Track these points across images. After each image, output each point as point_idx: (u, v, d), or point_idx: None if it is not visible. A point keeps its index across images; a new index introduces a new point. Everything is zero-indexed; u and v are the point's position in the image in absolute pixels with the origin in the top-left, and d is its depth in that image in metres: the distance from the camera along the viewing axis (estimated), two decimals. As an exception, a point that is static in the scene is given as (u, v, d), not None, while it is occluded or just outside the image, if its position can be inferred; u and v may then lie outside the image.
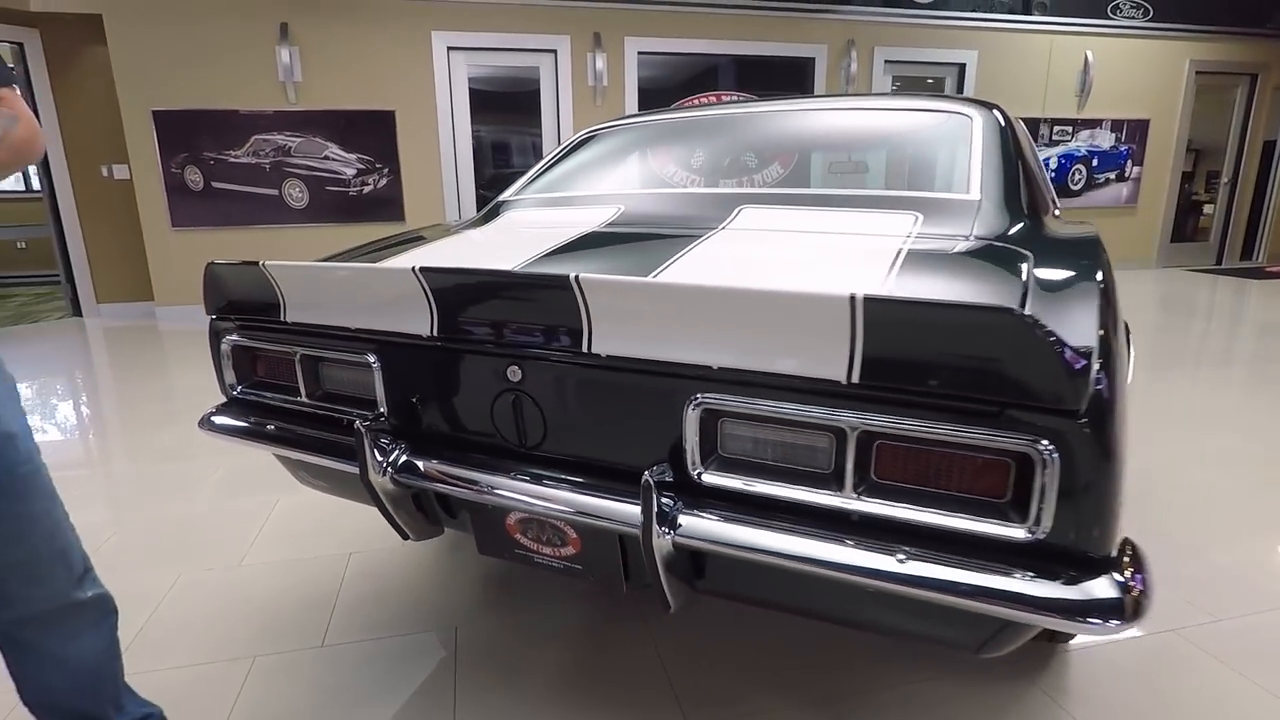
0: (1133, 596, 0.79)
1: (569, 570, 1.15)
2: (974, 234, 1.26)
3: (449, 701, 1.43)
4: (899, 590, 0.84)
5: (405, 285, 1.05)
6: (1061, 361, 0.73)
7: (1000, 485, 0.81)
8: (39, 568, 1.05)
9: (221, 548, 2.05)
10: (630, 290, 0.90)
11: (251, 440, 1.34)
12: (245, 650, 1.60)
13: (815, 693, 1.44)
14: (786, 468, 0.92)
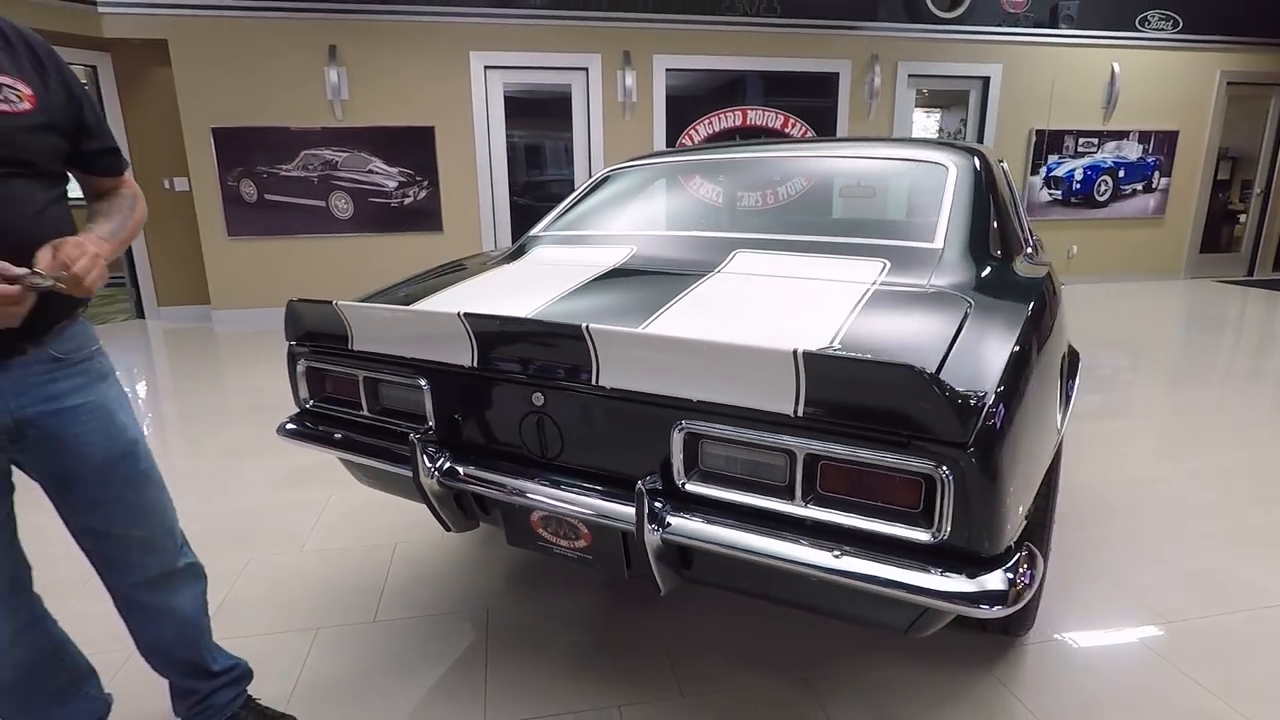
0: (1015, 590, 1.01)
1: (581, 559, 1.40)
2: (931, 282, 1.47)
3: (481, 672, 1.69)
4: (836, 580, 1.06)
5: (452, 327, 1.30)
6: (951, 405, 0.95)
7: (914, 498, 1.04)
8: (153, 542, 1.32)
9: (285, 535, 2.34)
10: (627, 339, 1.14)
11: (322, 446, 1.61)
12: (310, 623, 1.88)
13: (796, 674, 1.67)
14: (751, 480, 1.16)
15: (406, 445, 1.43)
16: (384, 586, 2.05)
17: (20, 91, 1.03)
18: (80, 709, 1.36)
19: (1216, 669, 1.68)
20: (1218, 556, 2.16)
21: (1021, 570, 1.04)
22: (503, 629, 1.85)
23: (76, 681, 1.35)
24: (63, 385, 1.14)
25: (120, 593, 1.33)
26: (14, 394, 1.08)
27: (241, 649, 1.55)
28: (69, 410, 1.14)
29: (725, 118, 6.52)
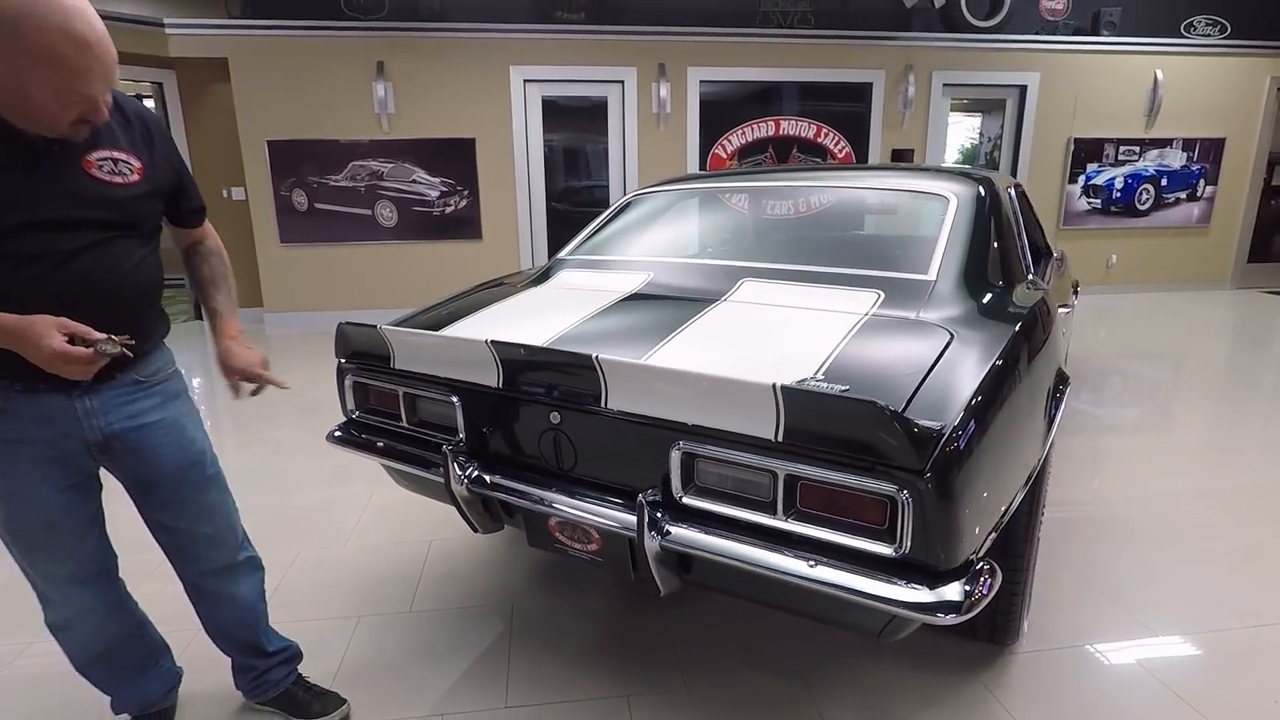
0: (971, 600, 1.13)
1: (593, 561, 1.55)
2: (919, 314, 1.59)
3: (504, 660, 1.86)
4: (812, 586, 1.20)
5: (480, 353, 1.47)
6: (908, 437, 1.08)
7: (880, 516, 1.17)
8: (218, 537, 1.51)
9: (330, 530, 2.55)
10: (631, 369, 1.29)
11: (365, 452, 1.80)
12: (353, 611, 2.08)
13: (793, 672, 1.80)
14: (740, 496, 1.30)
15: (440, 455, 1.60)
16: (419, 580, 2.23)
17: (132, 165, 1.23)
18: (156, 679, 1.57)
19: (1203, 686, 1.75)
20: (1218, 576, 2.21)
21: (979, 583, 1.16)
22: (525, 623, 2.01)
23: (154, 655, 1.56)
24: (142, 404, 1.33)
25: (189, 581, 1.53)
26: (103, 413, 1.28)
27: (292, 632, 1.74)
28: (147, 426, 1.34)
29: (758, 128, 6.62)
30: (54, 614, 1.39)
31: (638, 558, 1.43)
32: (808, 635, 1.92)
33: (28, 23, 0.99)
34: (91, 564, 1.38)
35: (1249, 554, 2.33)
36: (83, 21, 1.04)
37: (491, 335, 1.52)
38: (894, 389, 1.25)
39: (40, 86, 1.03)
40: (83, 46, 1.04)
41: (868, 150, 6.79)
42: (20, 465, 1.24)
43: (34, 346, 1.10)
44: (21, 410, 1.20)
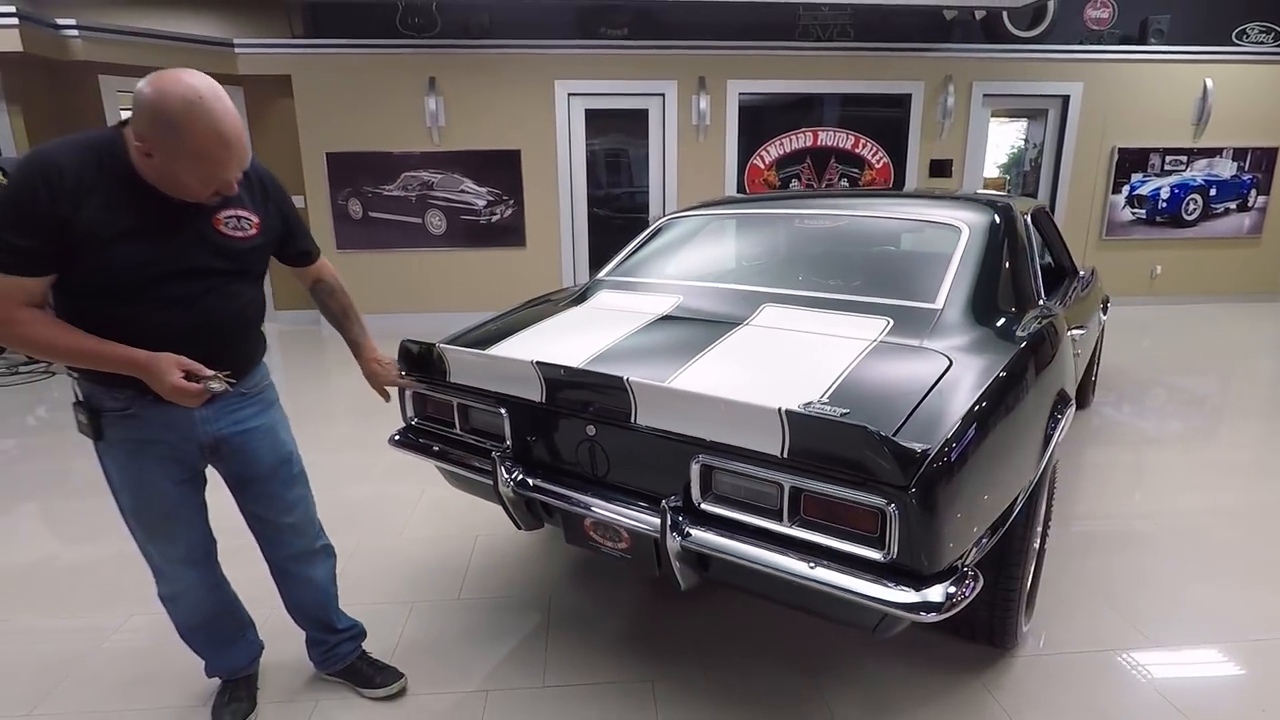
0: (951, 602, 1.29)
1: (622, 558, 1.74)
2: (923, 341, 1.74)
3: (542, 646, 2.06)
4: (812, 585, 1.36)
5: (527, 372, 1.68)
6: (895, 457, 1.24)
7: (872, 525, 1.33)
8: (300, 526, 1.75)
9: (387, 523, 2.79)
10: (657, 390, 1.48)
11: (423, 455, 2.02)
12: (407, 596, 2.31)
13: (802, 664, 1.96)
14: (751, 504, 1.47)
15: (489, 459, 1.81)
16: (466, 571, 2.45)
17: (251, 220, 1.47)
18: (243, 649, 1.81)
19: (1194, 694, 1.86)
20: (1224, 591, 2.30)
21: (960, 586, 1.32)
22: (561, 613, 2.21)
23: (242, 628, 1.80)
24: (245, 412, 1.57)
25: (274, 563, 1.78)
26: (214, 420, 1.52)
27: (354, 614, 1.97)
28: (249, 431, 1.58)
29: (796, 139, 6.73)
30: (165, 587, 1.64)
31: (661, 556, 1.61)
32: (818, 632, 2.08)
33: (186, 127, 1.22)
34: (198, 548, 1.63)
35: (1259, 572, 2.40)
36: (227, 124, 1.26)
37: (537, 354, 1.73)
38: (890, 412, 1.41)
39: (190, 174, 1.28)
40: (226, 145, 1.27)
41: (906, 161, 6.85)
42: (147, 462, 1.49)
43: (158, 380, 1.34)
44: (151, 417, 1.44)
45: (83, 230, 1.27)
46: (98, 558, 2.57)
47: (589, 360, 1.79)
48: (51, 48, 5.26)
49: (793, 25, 6.56)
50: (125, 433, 1.46)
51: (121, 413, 1.44)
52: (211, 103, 1.24)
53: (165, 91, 1.21)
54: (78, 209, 1.26)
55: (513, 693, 1.88)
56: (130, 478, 1.50)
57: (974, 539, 1.42)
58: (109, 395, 1.43)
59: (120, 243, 1.31)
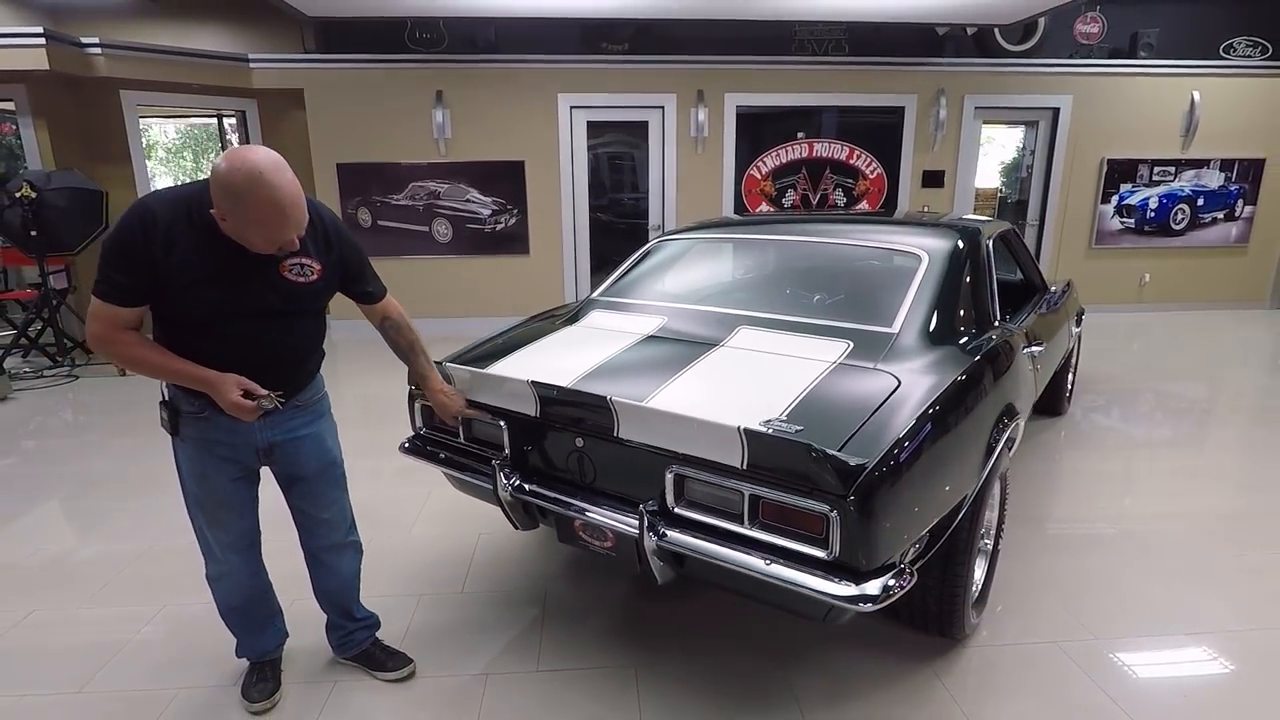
0: (887, 594, 1.50)
1: (609, 555, 1.95)
2: (878, 363, 1.94)
3: (538, 634, 2.28)
4: (768, 580, 1.57)
5: (523, 389, 1.89)
6: (835, 470, 1.45)
7: (819, 528, 1.53)
8: (335, 522, 1.98)
9: (397, 522, 3.01)
10: (636, 409, 1.69)
11: (430, 462, 2.24)
12: (415, 589, 2.53)
13: (773, 653, 2.17)
14: (718, 508, 1.68)
15: (489, 466, 2.02)
16: (470, 567, 2.67)
17: (314, 267, 1.69)
18: (272, 635, 2.04)
19: (1125, 681, 2.05)
20: (1165, 590, 2.49)
21: (896, 581, 1.53)
22: (556, 605, 2.43)
23: (274, 615, 2.03)
24: (297, 421, 1.81)
25: (310, 551, 2.00)
26: (270, 427, 1.75)
27: (368, 604, 2.18)
28: (299, 438, 1.82)
29: (792, 150, 6.93)
30: (214, 568, 1.88)
31: (641, 554, 1.82)
32: (785, 623, 2.29)
33: (250, 197, 1.44)
34: (246, 537, 1.86)
35: (1201, 574, 2.60)
36: (284, 195, 1.47)
37: (532, 372, 1.94)
38: (839, 429, 1.62)
39: (255, 235, 1.51)
40: (284, 213, 1.48)
41: (899, 172, 7.04)
42: (211, 458, 1.73)
43: (221, 396, 1.59)
44: (219, 421, 1.68)
45: (169, 271, 1.50)
46: (132, 554, 2.79)
47: (579, 378, 2.00)
48: (76, 65, 5.50)
49: (789, 40, 6.75)
50: (196, 431, 1.71)
51: (195, 415, 1.68)
52: (271, 177, 1.45)
53: (233, 169, 1.43)
54: (167, 253, 1.50)
55: (511, 675, 2.09)
56: (196, 469, 1.75)
57: (910, 540, 1.63)
58: (186, 400, 1.68)
59: (199, 286, 1.54)
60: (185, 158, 11.46)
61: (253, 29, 6.41)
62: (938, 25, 6.56)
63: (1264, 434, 4.06)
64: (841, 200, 7.13)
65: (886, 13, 5.86)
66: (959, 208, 7.27)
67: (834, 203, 7.13)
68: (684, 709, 1.95)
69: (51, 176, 5.31)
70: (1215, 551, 2.74)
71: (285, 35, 6.43)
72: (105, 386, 5.19)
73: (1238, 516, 3.03)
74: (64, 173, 5.47)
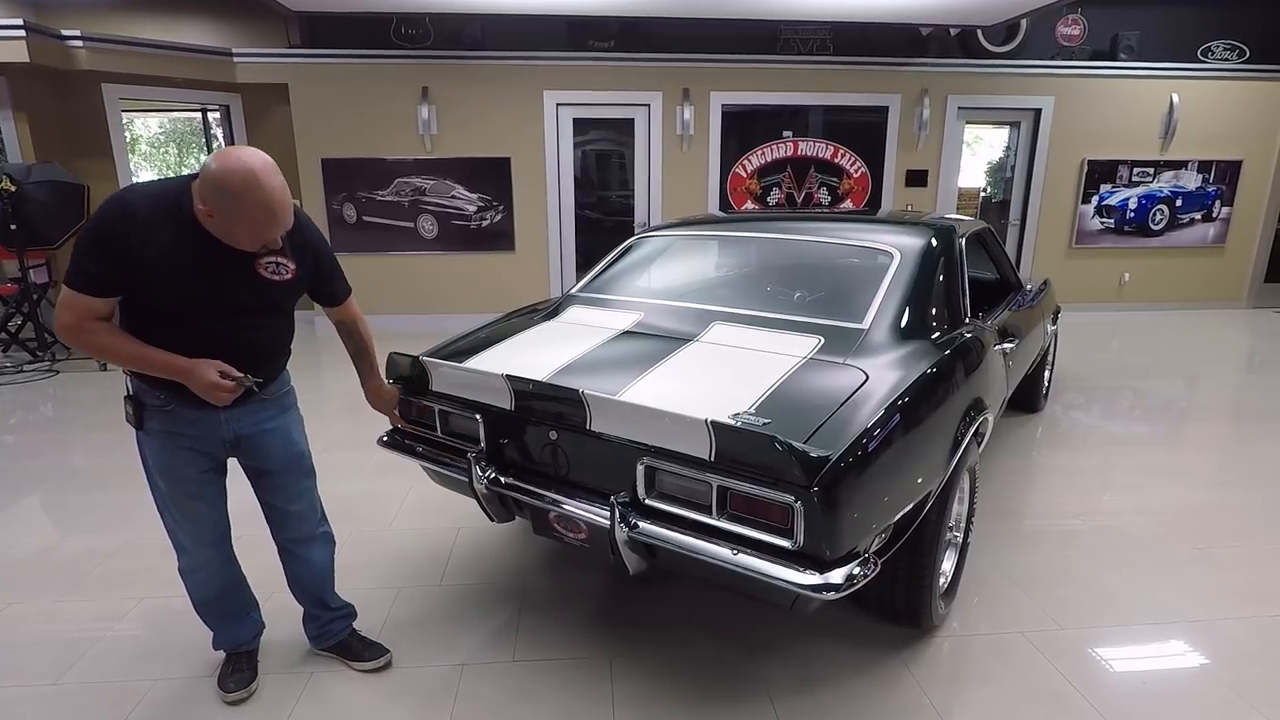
0: (849, 582, 1.53)
1: (582, 547, 1.98)
2: (847, 359, 1.98)
3: (514, 625, 2.30)
4: (735, 569, 1.60)
5: (498, 383, 1.92)
6: (798, 462, 1.48)
7: (784, 518, 1.57)
8: (305, 514, 2.00)
9: (377, 515, 3.03)
10: (607, 402, 1.72)
11: (408, 455, 2.25)
12: (394, 582, 2.54)
13: (744, 643, 2.20)
14: (687, 500, 1.71)
15: (465, 459, 2.04)
16: (449, 560, 2.69)
17: (289, 266, 1.72)
18: (248, 626, 2.05)
19: (1089, 669, 2.10)
20: (1128, 583, 2.55)
21: (859, 570, 1.56)
22: (533, 597, 2.45)
23: (249, 607, 2.04)
24: (264, 414, 1.82)
25: (281, 544, 2.02)
26: (237, 420, 1.77)
27: (347, 597, 2.20)
28: (266, 431, 1.83)
29: (777, 149, 6.97)
30: (185, 561, 1.89)
31: (613, 545, 1.85)
32: (757, 614, 2.32)
33: (245, 198, 1.48)
34: (216, 529, 1.88)
35: (1164, 566, 2.66)
36: (276, 199, 1.52)
37: (508, 366, 1.97)
38: (804, 422, 1.65)
39: (242, 233, 1.55)
40: (275, 214, 1.54)
41: (883, 171, 7.09)
42: (178, 451, 1.74)
43: (197, 380, 1.60)
44: (182, 412, 1.70)
45: (146, 264, 1.52)
46: (108, 548, 2.79)
47: (555, 373, 2.03)
48: (57, 58, 5.46)
49: (774, 39, 6.79)
50: (161, 424, 1.72)
51: (160, 408, 1.69)
52: (265, 180, 1.49)
53: (229, 170, 1.47)
54: (145, 245, 1.51)
55: (487, 666, 2.12)
56: (162, 462, 1.76)
57: (873, 531, 1.66)
58: (152, 393, 1.68)
59: (174, 278, 1.55)
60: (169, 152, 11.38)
61: (237, 23, 6.38)
62: (921, 26, 6.61)
63: (1234, 431, 4.14)
64: (826, 199, 7.18)
65: (871, 12, 5.91)
66: (942, 207, 7.34)
67: (819, 201, 7.18)
68: (656, 698, 1.99)
69: (32, 170, 5.28)
70: (1180, 545, 2.81)
71: (270, 30, 6.40)
72: (86, 381, 5.17)
73: (1203, 511, 3.09)
74: (45, 166, 5.44)
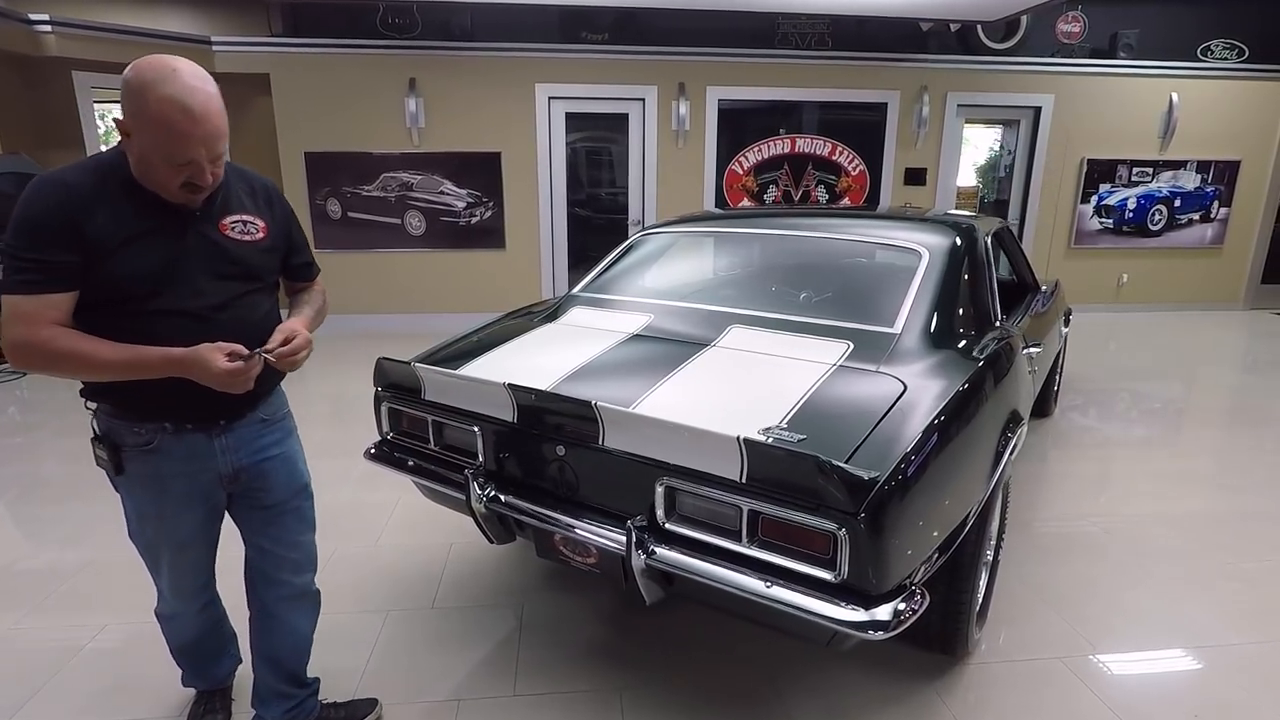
0: (898, 619, 1.37)
1: (591, 572, 1.81)
2: (881, 366, 1.82)
3: (514, 654, 2.12)
4: (767, 603, 1.44)
5: (499, 394, 1.73)
6: (845, 486, 1.31)
7: (825, 547, 1.40)
8: (302, 563, 1.71)
9: (363, 531, 2.83)
10: (623, 415, 1.55)
11: (398, 469, 2.07)
12: (382, 605, 2.35)
13: (766, 672, 2.04)
14: (712, 525, 1.54)
15: (462, 475, 1.86)
16: (441, 579, 2.51)
17: (257, 224, 1.47)
18: (227, 663, 1.85)
19: (1130, 697, 1.96)
20: (1164, 599, 2.41)
21: (907, 605, 1.40)
22: (533, 620, 2.28)
23: (226, 644, 1.84)
24: (265, 440, 1.56)
25: (263, 604, 1.68)
26: (235, 449, 1.50)
27: (330, 624, 1.99)
28: (269, 459, 1.57)
29: (774, 145, 6.82)
30: (164, 607, 1.67)
31: (627, 572, 1.67)
32: (779, 642, 2.16)
33: (153, 93, 1.21)
34: (203, 576, 1.65)
35: (1198, 581, 2.52)
36: (197, 99, 1.23)
37: (509, 374, 1.79)
38: (844, 439, 1.49)
39: (156, 151, 1.25)
40: (191, 117, 1.23)
41: (881, 169, 6.96)
42: (168, 496, 1.46)
43: (204, 370, 1.30)
44: (170, 448, 1.42)
45: (92, 240, 1.27)
46: (71, 566, 2.58)
47: (560, 380, 1.85)
48: (23, 43, 5.19)
49: (772, 33, 6.63)
50: (146, 467, 1.44)
51: (143, 447, 1.42)
52: (185, 77, 1.24)
53: (143, 64, 1.24)
54: (88, 219, 1.27)
55: (484, 702, 1.94)
56: (151, 511, 1.49)
57: (922, 559, 1.50)
58: (129, 430, 1.41)
59: (126, 248, 1.30)
60: (147, 145, 11.02)
61: (216, 10, 6.13)
62: (922, 21, 6.48)
63: (1245, 435, 4.02)
64: (824, 197, 7.04)
65: (870, 7, 5.77)
66: (941, 207, 7.22)
67: (816, 199, 7.03)
68: (672, 737, 1.82)
69: (-3, 161, 5.01)
70: (1208, 558, 2.67)
71: (251, 18, 6.15)
72: (55, 385, 4.90)
73: (1226, 520, 2.97)
74: (11, 158, 5.17)
